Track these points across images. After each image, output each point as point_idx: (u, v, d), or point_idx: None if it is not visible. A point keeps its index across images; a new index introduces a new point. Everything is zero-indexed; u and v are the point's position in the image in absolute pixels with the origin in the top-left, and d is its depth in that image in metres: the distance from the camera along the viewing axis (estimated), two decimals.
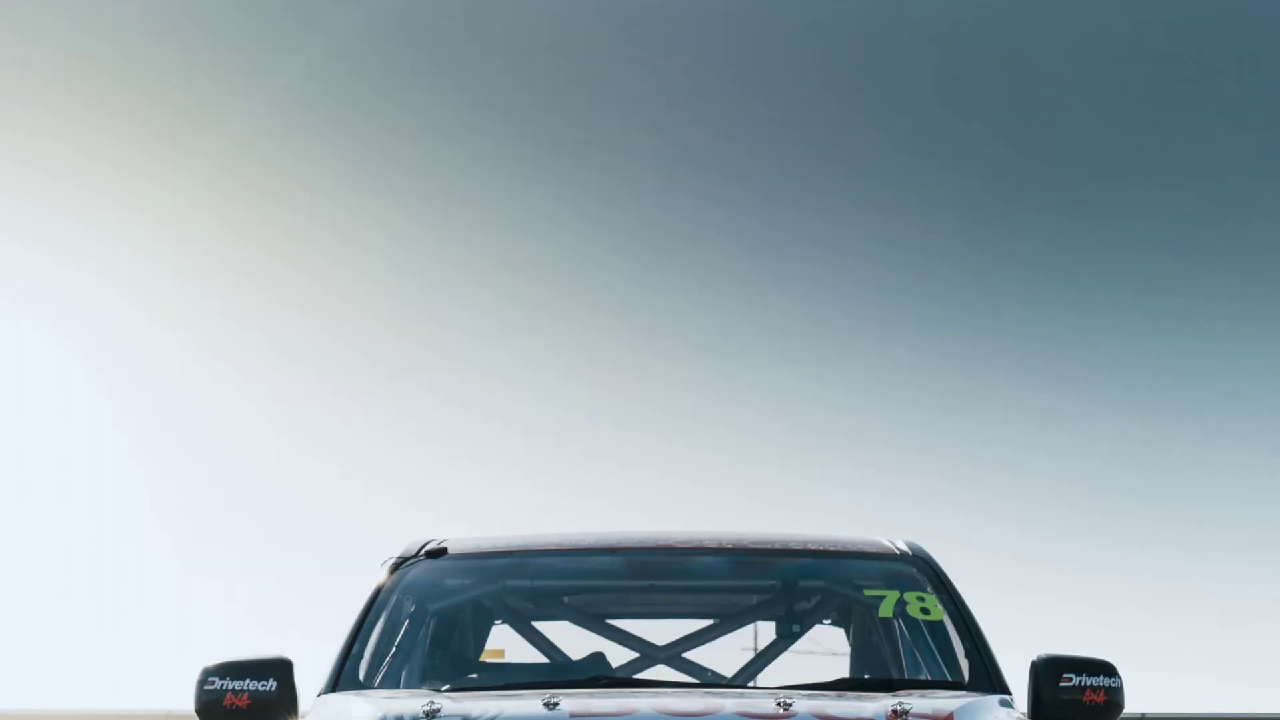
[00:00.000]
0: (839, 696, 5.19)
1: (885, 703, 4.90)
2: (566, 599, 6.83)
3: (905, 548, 6.45)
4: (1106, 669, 5.49)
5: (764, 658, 6.54)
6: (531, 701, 4.88)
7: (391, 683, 5.92)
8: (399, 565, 6.30)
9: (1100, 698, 5.42)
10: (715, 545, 6.46)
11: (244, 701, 5.42)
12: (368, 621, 5.99)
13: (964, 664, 5.86)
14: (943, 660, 5.99)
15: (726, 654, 6.67)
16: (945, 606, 6.12)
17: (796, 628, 6.68)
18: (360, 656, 5.86)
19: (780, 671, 6.40)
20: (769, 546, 6.49)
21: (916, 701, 4.93)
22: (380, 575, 6.25)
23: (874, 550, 6.45)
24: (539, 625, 6.67)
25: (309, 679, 5.66)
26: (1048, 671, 5.45)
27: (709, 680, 6.36)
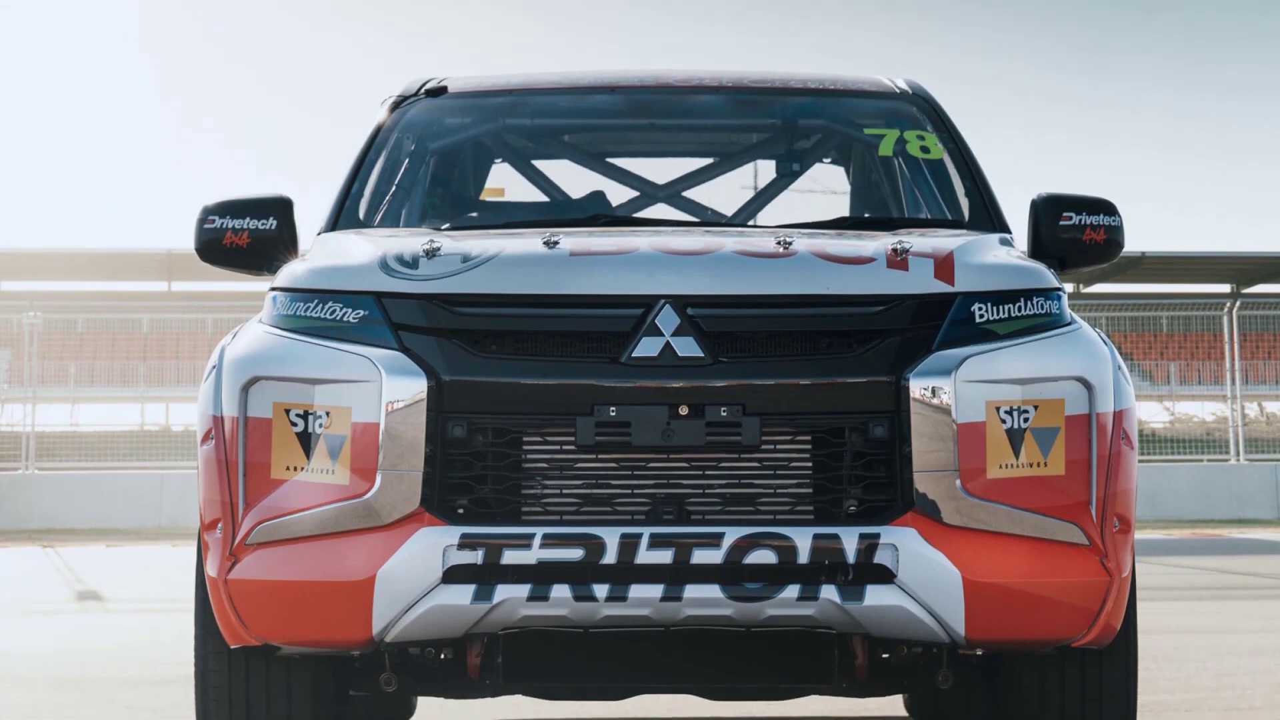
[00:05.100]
0: (839, 235, 5.18)
1: (885, 241, 4.89)
2: (566, 137, 6.79)
3: (905, 86, 6.38)
4: (1106, 208, 5.46)
5: (764, 196, 6.54)
6: (531, 240, 4.87)
7: (391, 221, 5.92)
8: (399, 104, 6.24)
9: (1100, 236, 5.41)
10: (715, 84, 6.40)
11: (243, 240, 5.40)
12: (367, 161, 5.95)
13: (964, 203, 5.85)
14: (942, 199, 5.98)
15: (726, 192, 6.68)
16: (945, 145, 6.08)
17: (796, 166, 6.66)
18: (360, 196, 5.84)
19: (780, 210, 6.41)
20: (769, 85, 6.42)
21: (916, 240, 4.92)
22: (380, 114, 6.19)
23: (874, 89, 6.38)
24: (539, 164, 6.65)
25: (309, 219, 5.66)
26: (1048, 210, 5.42)
27: (709, 219, 6.38)
